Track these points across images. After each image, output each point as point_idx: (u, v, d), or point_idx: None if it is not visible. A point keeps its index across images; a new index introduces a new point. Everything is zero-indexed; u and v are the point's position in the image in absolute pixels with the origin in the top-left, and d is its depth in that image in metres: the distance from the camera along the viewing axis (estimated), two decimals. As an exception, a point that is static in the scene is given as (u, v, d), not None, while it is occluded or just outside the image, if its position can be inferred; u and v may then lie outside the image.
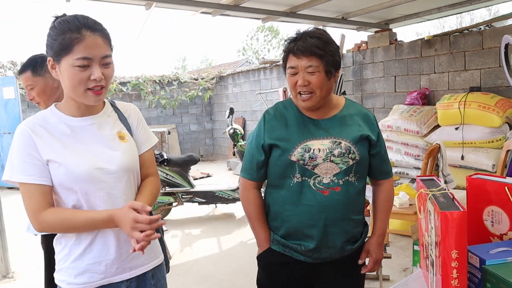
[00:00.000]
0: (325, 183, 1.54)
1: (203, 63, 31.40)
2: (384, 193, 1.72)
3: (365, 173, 1.65)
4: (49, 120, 1.36)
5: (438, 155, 3.61)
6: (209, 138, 11.42)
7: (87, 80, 1.27)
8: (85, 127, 1.38)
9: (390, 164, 1.74)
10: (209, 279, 3.59)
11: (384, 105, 6.25)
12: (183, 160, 5.35)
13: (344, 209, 1.56)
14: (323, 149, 1.54)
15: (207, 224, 5.32)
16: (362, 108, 1.70)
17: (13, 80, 8.25)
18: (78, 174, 1.30)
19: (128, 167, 1.40)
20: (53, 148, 1.30)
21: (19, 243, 4.87)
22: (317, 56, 1.49)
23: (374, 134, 1.62)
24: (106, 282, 1.38)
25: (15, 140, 1.30)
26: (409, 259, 3.67)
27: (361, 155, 1.57)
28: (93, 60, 1.26)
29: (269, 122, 1.63)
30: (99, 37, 1.28)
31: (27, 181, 1.27)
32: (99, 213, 1.31)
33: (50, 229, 1.32)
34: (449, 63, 5.32)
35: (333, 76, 1.56)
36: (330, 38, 1.55)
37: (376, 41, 6.32)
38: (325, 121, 1.60)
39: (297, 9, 5.33)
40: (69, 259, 1.37)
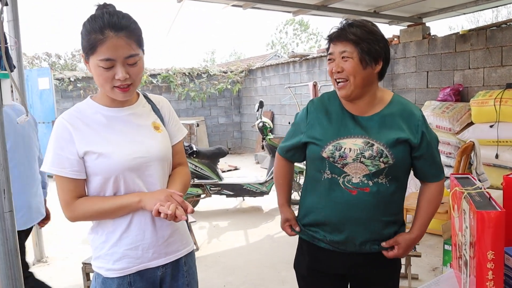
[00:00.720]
0: (355, 183, 1.53)
1: (232, 56, 31.50)
2: (429, 194, 1.64)
3: (402, 174, 1.58)
4: (86, 112, 1.40)
5: (471, 153, 3.52)
6: (237, 131, 11.47)
7: (112, 79, 1.30)
8: (122, 117, 1.42)
9: (440, 166, 1.63)
10: (236, 271, 3.62)
11: (416, 101, 6.12)
12: (212, 153, 5.40)
13: (373, 210, 1.54)
14: (354, 149, 1.52)
15: (235, 216, 5.37)
16: (408, 105, 1.59)
17: (48, 71, 8.49)
18: (117, 163, 1.34)
19: (163, 156, 1.45)
20: (91, 139, 1.34)
21: (54, 229, 5.04)
22: (352, 42, 1.47)
23: (416, 136, 1.53)
24: (143, 267, 1.42)
25: (53, 132, 1.35)
26: (439, 259, 3.60)
27: (396, 158, 1.51)
28: (116, 60, 1.28)
29: (311, 114, 1.64)
30: (123, 36, 1.28)
31: (60, 174, 1.33)
32: (129, 197, 1.36)
33: (81, 218, 1.37)
34: (485, 59, 5.16)
35: (371, 66, 1.50)
36: (374, 29, 1.51)
37: (409, 35, 6.19)
38: (365, 118, 1.57)
39: (329, 2, 5.26)
40: (106, 246, 1.41)
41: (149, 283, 1.45)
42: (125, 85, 1.32)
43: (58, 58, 17.53)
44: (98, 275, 1.44)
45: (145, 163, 1.39)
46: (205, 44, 61.46)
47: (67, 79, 9.30)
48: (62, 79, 9.27)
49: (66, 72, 9.87)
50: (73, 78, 9.36)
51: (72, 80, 9.33)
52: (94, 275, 1.47)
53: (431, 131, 1.58)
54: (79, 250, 4.30)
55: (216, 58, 31.42)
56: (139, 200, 1.34)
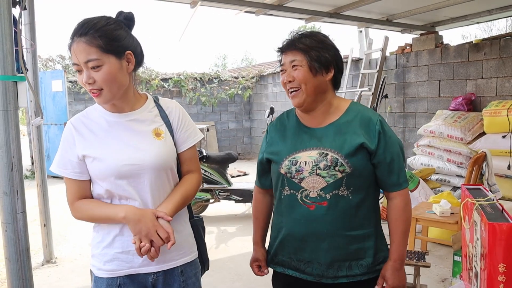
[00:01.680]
0: (312, 197, 1.47)
1: (244, 62, 31.60)
2: (394, 210, 1.51)
3: (366, 184, 1.49)
4: (92, 116, 1.45)
5: (483, 164, 3.49)
6: (247, 136, 11.48)
7: (84, 83, 1.34)
8: (123, 122, 1.43)
9: (402, 174, 1.51)
10: (243, 277, 3.62)
11: (427, 109, 6.09)
12: (222, 158, 5.41)
13: (333, 224, 1.46)
14: (309, 162, 1.47)
15: (243, 222, 5.36)
16: (365, 111, 1.53)
17: (61, 74, 8.59)
18: (108, 168, 1.37)
19: (160, 165, 1.42)
20: (90, 143, 1.40)
21: (63, 230, 5.08)
22: (300, 51, 1.46)
23: (373, 140, 1.45)
24: (132, 272, 1.43)
25: (62, 135, 1.43)
26: (448, 270, 3.56)
27: (354, 167, 1.43)
28: (80, 65, 1.31)
29: (270, 133, 1.65)
30: (83, 41, 1.29)
31: (63, 174, 1.41)
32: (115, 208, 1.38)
33: (81, 218, 1.43)
34: (498, 68, 5.12)
35: (321, 73, 1.47)
36: (323, 39, 1.50)
37: (421, 44, 6.17)
38: (320, 130, 1.52)
39: (341, 10, 5.28)
40: (100, 246, 1.44)
41: (140, 286, 1.45)
42: (94, 90, 1.33)
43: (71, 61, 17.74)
44: (91, 272, 1.49)
45: (137, 170, 1.38)
46: (217, 49, 61.81)
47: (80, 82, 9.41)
48: (75, 82, 9.37)
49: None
50: (86, 81, 9.47)
51: (85, 83, 9.44)
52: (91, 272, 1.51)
53: (392, 136, 1.50)
54: (88, 252, 4.31)
55: (228, 63, 31.53)
56: (124, 216, 1.34)
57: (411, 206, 1.55)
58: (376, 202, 1.55)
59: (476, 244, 1.22)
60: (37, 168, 3.97)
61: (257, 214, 1.77)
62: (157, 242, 1.32)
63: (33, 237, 4.67)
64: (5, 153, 2.05)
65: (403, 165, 1.51)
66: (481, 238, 1.14)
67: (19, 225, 1.80)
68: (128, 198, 1.40)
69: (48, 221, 4.08)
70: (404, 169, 1.52)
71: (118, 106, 1.43)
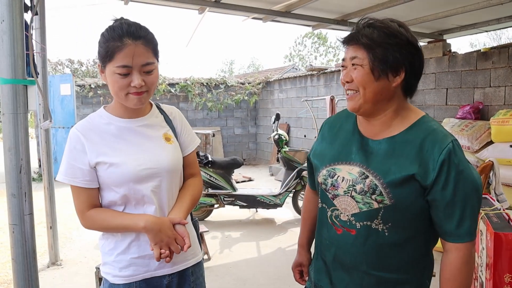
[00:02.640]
0: (342, 220, 1.27)
1: (250, 68, 31.69)
2: (447, 267, 1.20)
3: (412, 223, 1.22)
4: (99, 123, 1.43)
5: (490, 173, 3.46)
6: (252, 142, 11.49)
7: (127, 86, 1.32)
8: (134, 128, 1.44)
9: (470, 224, 1.16)
10: (247, 283, 3.61)
11: (434, 118, 6.07)
12: (227, 163, 5.42)
13: (359, 258, 1.26)
14: (348, 179, 1.26)
15: (247, 228, 5.36)
16: (435, 132, 1.20)
17: (70, 78, 8.68)
18: (126, 173, 1.36)
19: (173, 168, 1.46)
20: (102, 150, 1.38)
21: (69, 232, 5.11)
22: (363, 47, 1.19)
23: (431, 173, 1.15)
24: (149, 276, 1.44)
25: (67, 143, 1.39)
26: (454, 279, 3.53)
27: (396, 199, 1.18)
28: (133, 68, 1.30)
29: (322, 130, 1.46)
30: (141, 45, 1.31)
31: (72, 183, 1.37)
32: (134, 218, 1.38)
33: (93, 227, 1.41)
34: (507, 77, 5.09)
35: (386, 77, 1.20)
36: (397, 31, 1.19)
37: (429, 51, 6.15)
38: (374, 142, 1.27)
39: (349, 17, 5.28)
40: (114, 253, 1.43)
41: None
42: (140, 91, 1.34)
43: (80, 65, 17.89)
44: (105, 280, 1.47)
45: (154, 174, 1.41)
46: (224, 55, 62.03)
47: (88, 86, 9.47)
48: (83, 86, 9.45)
49: (88, 79, 10.06)
50: (94, 85, 9.53)
51: (93, 87, 9.50)
52: (102, 280, 1.49)
53: (465, 171, 1.16)
54: (93, 255, 4.34)
55: (235, 69, 31.65)
56: (144, 226, 1.35)
57: (473, 266, 1.21)
58: (429, 245, 1.29)
59: (482, 253, 1.21)
60: (44, 170, 4.00)
61: (304, 215, 1.61)
62: (176, 250, 1.36)
63: (39, 239, 4.69)
64: (14, 156, 2.07)
65: (472, 213, 1.17)
66: (487, 247, 1.14)
67: (26, 227, 1.81)
68: (145, 203, 1.41)
69: (54, 224, 4.11)
70: (473, 218, 1.17)
71: (130, 112, 1.43)
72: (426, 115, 1.28)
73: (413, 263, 1.25)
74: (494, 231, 1.07)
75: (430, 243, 1.27)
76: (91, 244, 4.65)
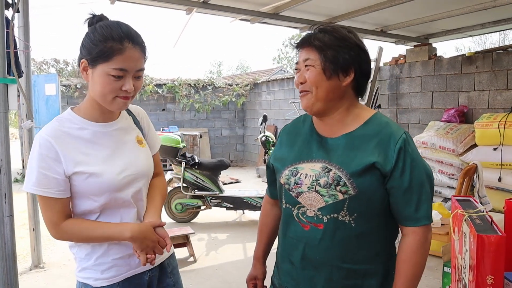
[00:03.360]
0: (309, 216, 1.28)
1: (239, 70, 31.69)
2: (405, 250, 1.25)
3: (375, 212, 1.27)
4: (71, 127, 1.33)
5: (474, 176, 3.50)
6: (240, 144, 11.48)
7: (119, 90, 1.28)
8: (110, 132, 1.39)
9: (423, 208, 1.24)
10: (233, 285, 3.59)
11: (420, 121, 6.12)
12: (214, 165, 5.40)
13: (328, 252, 1.27)
14: (310, 175, 1.28)
15: (234, 229, 5.34)
16: (388, 125, 1.29)
17: (55, 77, 8.56)
18: (107, 183, 1.32)
19: (149, 171, 1.46)
20: (79, 158, 1.30)
21: (52, 235, 5.03)
22: (315, 49, 1.26)
23: (389, 161, 1.22)
24: (131, 274, 1.43)
25: (35, 150, 1.27)
26: (438, 281, 3.56)
27: (360, 189, 1.22)
28: (129, 72, 1.27)
29: (281, 136, 1.49)
30: (139, 50, 1.29)
31: (46, 195, 1.27)
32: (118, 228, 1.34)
33: (68, 239, 1.36)
34: (490, 81, 5.17)
35: (337, 76, 1.26)
36: (346, 35, 1.28)
37: (415, 55, 6.22)
38: (332, 140, 1.32)
39: (336, 20, 5.31)
40: (93, 257, 1.39)
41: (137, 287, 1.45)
42: (128, 95, 1.31)
43: (66, 64, 17.68)
44: (85, 285, 1.42)
45: (133, 180, 1.39)
46: (212, 56, 61.94)
47: (73, 86, 9.37)
48: (69, 86, 9.35)
49: (73, 79, 9.94)
50: (80, 85, 9.43)
51: (78, 87, 9.40)
52: (80, 287, 1.44)
53: (417, 159, 1.25)
54: (77, 257, 4.28)
55: (223, 70, 31.63)
56: (130, 236, 1.32)
57: (428, 248, 1.27)
58: (391, 235, 1.34)
59: (465, 255, 1.22)
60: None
61: (261, 227, 1.59)
62: (159, 252, 1.37)
63: (22, 242, 4.62)
64: (-6, 156, 2.03)
65: (427, 198, 1.25)
66: (470, 249, 1.14)
67: (5, 229, 1.77)
68: (124, 207, 1.38)
69: (37, 226, 4.04)
70: (428, 202, 1.25)
71: (106, 115, 1.38)
72: (378, 112, 1.36)
73: (379, 254, 1.30)
74: (477, 233, 1.08)
75: (392, 234, 1.33)
76: (75, 246, 4.60)
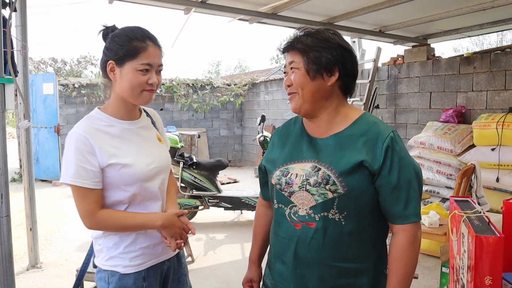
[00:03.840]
0: (301, 216, 1.30)
1: (237, 69, 31.68)
2: (396, 248, 1.26)
3: (364, 210, 1.28)
4: (100, 124, 1.47)
5: (472, 176, 3.50)
6: (238, 144, 11.48)
7: (145, 83, 1.43)
8: (135, 130, 1.54)
9: (412, 205, 1.25)
10: (231, 285, 3.59)
11: (418, 121, 6.13)
12: (212, 165, 5.39)
13: (320, 251, 1.28)
14: (301, 175, 1.30)
15: (232, 229, 5.34)
16: (377, 125, 1.31)
17: (53, 77, 8.54)
18: (138, 173, 1.46)
19: (169, 165, 1.63)
20: (113, 151, 1.44)
21: (49, 234, 5.02)
22: (298, 51, 1.30)
23: (377, 160, 1.24)
24: (155, 262, 1.55)
25: (71, 145, 1.40)
26: (436, 281, 3.57)
27: (349, 188, 1.24)
28: (153, 66, 1.44)
29: (273, 138, 1.52)
30: (158, 48, 1.47)
31: (83, 185, 1.39)
32: (150, 218, 1.49)
33: (101, 228, 1.47)
34: (489, 82, 5.18)
35: (321, 77, 1.29)
36: (329, 37, 1.31)
37: (413, 55, 6.22)
38: (322, 140, 1.34)
39: (335, 20, 5.31)
40: (121, 246, 1.50)
41: (158, 276, 1.57)
42: (153, 88, 1.47)
43: (64, 64, 17.66)
44: (113, 273, 1.51)
45: (159, 172, 1.54)
46: (211, 56, 61.94)
47: (71, 85, 9.34)
48: (66, 85, 9.31)
49: (71, 78, 9.92)
50: (78, 84, 9.41)
51: (76, 87, 9.37)
52: (106, 275, 1.53)
53: (405, 157, 1.26)
54: (75, 257, 4.26)
55: (221, 70, 31.60)
56: (161, 224, 1.47)
57: (419, 246, 1.28)
58: (382, 234, 1.35)
59: (463, 256, 1.22)
60: (24, 171, 3.92)
61: (256, 229, 1.61)
62: (185, 237, 1.53)
63: (19, 241, 4.61)
64: (-10, 156, 2.02)
65: (416, 195, 1.26)
66: (468, 250, 1.14)
67: (2, 229, 1.76)
68: (151, 199, 1.53)
69: (34, 225, 4.02)
70: (417, 200, 1.26)
71: (130, 113, 1.53)
72: (366, 112, 1.38)
73: (370, 252, 1.31)
74: (475, 234, 1.08)
75: (383, 233, 1.34)
76: (73, 246, 4.58)
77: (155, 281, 1.56)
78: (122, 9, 45.28)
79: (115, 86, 1.47)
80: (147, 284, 1.52)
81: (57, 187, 8.07)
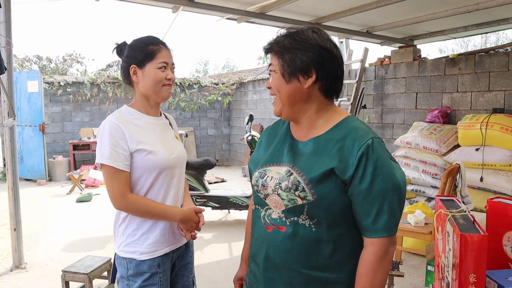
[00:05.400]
0: (273, 218, 1.28)
1: (225, 69, 31.59)
2: (363, 262, 1.20)
3: (338, 220, 1.22)
4: (129, 116, 1.70)
5: (457, 175, 3.56)
6: (225, 143, 11.46)
7: (164, 79, 1.70)
8: (158, 124, 1.77)
9: (386, 220, 1.17)
10: (218, 285, 3.59)
11: (404, 121, 6.19)
12: (199, 164, 5.37)
13: (289, 256, 1.25)
14: (275, 178, 1.28)
15: (219, 229, 5.33)
16: (356, 130, 1.23)
17: (38, 74, 8.41)
18: (161, 160, 1.65)
19: (185, 159, 1.83)
20: (141, 139, 1.64)
21: (34, 234, 4.95)
22: (276, 54, 1.28)
23: (349, 168, 1.17)
24: (168, 250, 1.73)
25: (106, 131, 1.60)
26: (422, 279, 3.61)
27: (319, 196, 1.18)
28: (168, 64, 1.71)
29: (261, 138, 1.50)
30: (169, 50, 1.75)
31: (115, 166, 1.58)
32: (172, 211, 1.70)
33: (128, 211, 1.65)
34: (473, 83, 5.25)
35: (296, 79, 1.25)
36: (308, 37, 1.25)
37: (400, 56, 6.28)
38: (302, 144, 1.31)
39: (322, 20, 5.34)
40: (138, 232, 1.67)
41: (169, 263, 1.75)
42: (171, 83, 1.73)
43: (49, 61, 17.40)
44: (130, 260, 1.67)
45: (178, 162, 1.75)
46: (199, 55, 61.64)
47: (57, 83, 9.21)
48: (51, 83, 9.17)
49: (56, 76, 9.78)
50: (63, 82, 9.28)
51: (62, 85, 9.24)
52: (125, 262, 1.68)
53: (383, 167, 1.17)
54: (60, 257, 4.21)
55: (209, 69, 31.46)
56: (180, 218, 1.70)
57: (389, 262, 1.20)
58: (357, 246, 1.25)
59: (448, 254, 1.23)
60: (8, 170, 3.86)
61: (248, 228, 1.57)
62: (198, 229, 1.76)
63: (3, 242, 4.54)
64: (-26, 154, 1.98)
65: (391, 209, 1.17)
66: (453, 248, 1.16)
67: None
68: (167, 187, 1.70)
69: (18, 225, 3.96)
70: (391, 214, 1.17)
71: (154, 110, 1.77)
72: (351, 115, 1.32)
73: (345, 262, 1.25)
74: (460, 233, 1.09)
75: (358, 244, 1.24)
76: (58, 247, 4.53)
77: (168, 268, 1.73)
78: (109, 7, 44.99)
79: (139, 86, 1.71)
80: (162, 270, 1.69)
81: (42, 186, 7.96)
